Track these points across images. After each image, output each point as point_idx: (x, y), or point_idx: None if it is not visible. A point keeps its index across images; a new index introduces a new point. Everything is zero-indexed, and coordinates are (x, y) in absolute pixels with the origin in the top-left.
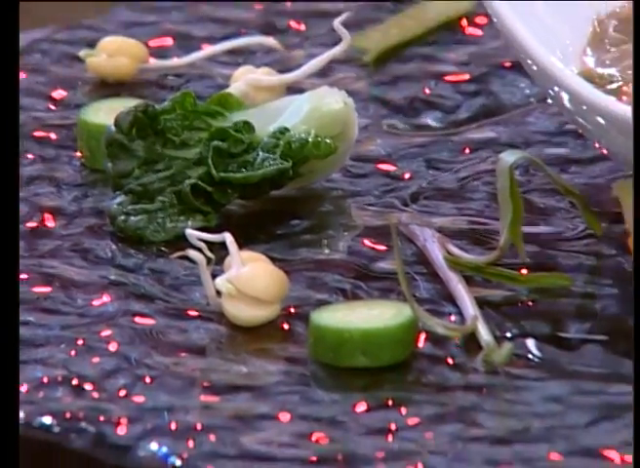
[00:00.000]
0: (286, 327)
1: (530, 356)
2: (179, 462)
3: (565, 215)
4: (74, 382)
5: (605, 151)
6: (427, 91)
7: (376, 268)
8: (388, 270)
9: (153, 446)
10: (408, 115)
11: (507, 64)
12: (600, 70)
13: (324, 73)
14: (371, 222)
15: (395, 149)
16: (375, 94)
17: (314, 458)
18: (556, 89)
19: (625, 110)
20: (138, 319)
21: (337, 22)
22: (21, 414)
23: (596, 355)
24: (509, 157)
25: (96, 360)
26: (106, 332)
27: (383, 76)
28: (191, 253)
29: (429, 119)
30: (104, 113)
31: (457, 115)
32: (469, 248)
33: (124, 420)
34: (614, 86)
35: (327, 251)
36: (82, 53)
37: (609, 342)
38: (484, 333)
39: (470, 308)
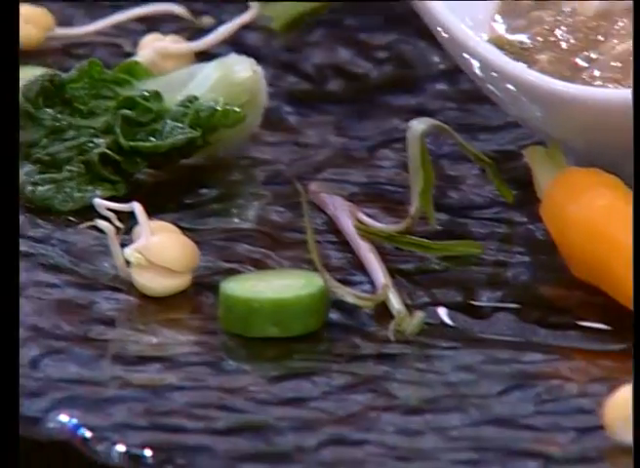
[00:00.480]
0: (196, 297)
1: (441, 325)
2: (89, 434)
3: (476, 183)
4: None
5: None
6: (337, 58)
7: (286, 237)
8: (299, 239)
9: (63, 417)
10: (317, 83)
11: (418, 31)
12: (510, 37)
13: (232, 41)
14: (280, 191)
15: (305, 117)
16: (284, 61)
17: (225, 429)
18: (466, 56)
19: (536, 77)
20: (47, 289)
21: None
22: None
23: (508, 323)
24: (420, 125)
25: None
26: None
27: (292, 43)
28: (100, 222)
29: (339, 86)
30: None
31: (367, 82)
32: (380, 216)
33: (33, 392)
34: (524, 53)
35: (237, 220)
36: None
37: (521, 310)
38: (395, 302)
39: (381, 277)
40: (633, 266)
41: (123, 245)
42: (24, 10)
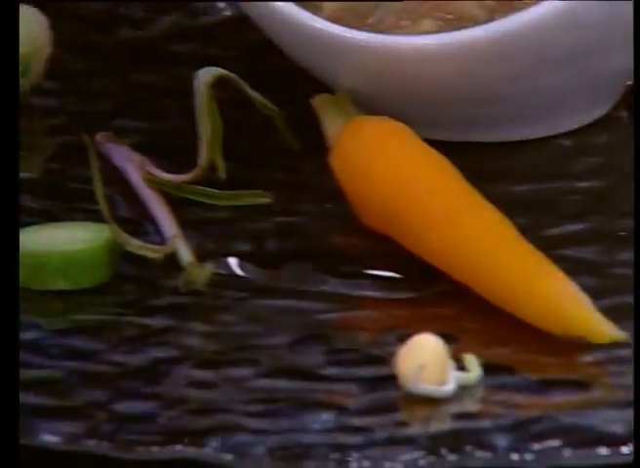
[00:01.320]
0: None
1: (231, 275)
2: None
3: (264, 132)
4: None
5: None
6: (120, 5)
7: (73, 189)
8: (86, 191)
9: None
10: (101, 31)
11: None
12: None
13: None
14: (66, 142)
15: (89, 66)
16: (67, 9)
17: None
18: (253, 3)
19: (322, 24)
20: None
21: None
22: None
23: (298, 272)
24: (207, 74)
25: None
26: None
27: None
28: None
29: (123, 33)
30: None
31: (151, 29)
32: (168, 166)
33: None
34: (310, 1)
35: (22, 172)
36: None
37: (310, 259)
38: (184, 253)
39: (170, 228)
40: (634, 266)
41: None
42: None
